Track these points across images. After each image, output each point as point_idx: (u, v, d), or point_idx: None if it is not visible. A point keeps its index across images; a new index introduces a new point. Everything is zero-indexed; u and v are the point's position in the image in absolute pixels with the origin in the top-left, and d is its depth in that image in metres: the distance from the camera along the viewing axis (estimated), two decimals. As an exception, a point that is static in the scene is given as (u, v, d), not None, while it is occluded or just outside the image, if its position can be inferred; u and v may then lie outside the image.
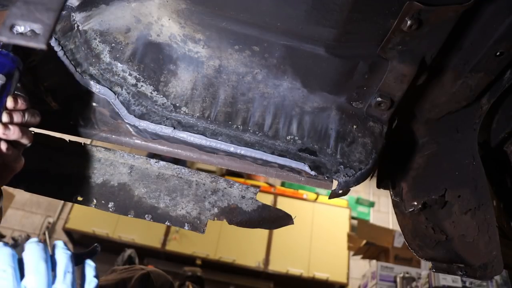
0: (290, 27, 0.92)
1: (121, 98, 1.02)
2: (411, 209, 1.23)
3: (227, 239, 5.29)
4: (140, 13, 1.00)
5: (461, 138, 1.17)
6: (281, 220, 1.13)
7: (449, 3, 0.81)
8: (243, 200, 1.12)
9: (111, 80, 1.02)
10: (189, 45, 1.02)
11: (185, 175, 1.12)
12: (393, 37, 0.87)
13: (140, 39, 1.02)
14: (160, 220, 1.07)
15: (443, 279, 3.53)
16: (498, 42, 0.91)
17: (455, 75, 1.01)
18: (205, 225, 1.09)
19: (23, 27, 0.63)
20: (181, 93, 1.05)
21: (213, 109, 1.05)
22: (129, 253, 4.58)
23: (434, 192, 1.20)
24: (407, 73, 0.95)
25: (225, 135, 1.04)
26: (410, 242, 1.20)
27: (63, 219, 5.43)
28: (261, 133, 1.06)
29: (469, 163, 1.13)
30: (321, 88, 1.06)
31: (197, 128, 1.04)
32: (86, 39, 1.00)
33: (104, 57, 1.01)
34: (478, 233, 1.08)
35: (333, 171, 1.05)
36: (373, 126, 1.09)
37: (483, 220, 1.07)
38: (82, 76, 1.01)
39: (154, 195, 1.09)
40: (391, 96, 1.01)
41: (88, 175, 1.08)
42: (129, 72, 1.03)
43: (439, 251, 1.16)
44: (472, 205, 1.11)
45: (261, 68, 1.04)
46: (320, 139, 1.08)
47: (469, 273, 1.06)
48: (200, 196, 1.10)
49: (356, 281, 5.27)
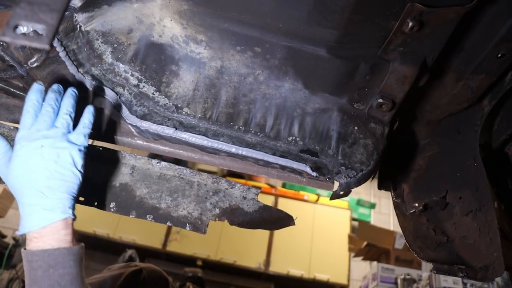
0: (292, 28, 0.92)
1: (123, 98, 1.02)
2: (412, 210, 1.23)
3: (228, 240, 5.29)
4: (142, 14, 1.00)
5: (462, 140, 1.17)
6: (282, 221, 1.14)
7: (451, 4, 0.81)
8: (245, 201, 1.12)
9: (113, 81, 1.02)
10: (191, 46, 1.03)
11: (186, 175, 1.12)
12: (394, 39, 0.88)
13: (142, 40, 1.02)
14: (162, 220, 1.08)
15: (444, 280, 3.52)
16: (500, 44, 0.91)
17: (457, 77, 1.01)
18: (206, 225, 1.09)
19: (26, 27, 0.64)
20: (183, 94, 1.05)
21: (215, 110, 1.05)
22: (130, 253, 4.58)
23: (435, 194, 1.20)
24: (409, 74, 0.95)
25: (227, 136, 1.04)
26: (411, 243, 1.20)
27: (64, 219, 5.42)
28: (263, 134, 1.06)
29: (470, 164, 1.13)
30: (322, 89, 1.06)
31: (198, 128, 1.04)
32: (88, 39, 1.01)
33: (106, 58, 1.02)
34: (479, 235, 1.08)
35: (335, 172, 1.05)
36: (374, 128, 1.09)
37: (484, 222, 1.07)
38: (84, 76, 1.01)
39: (156, 195, 1.09)
40: (392, 98, 1.02)
41: (90, 175, 1.08)
42: (131, 73, 1.03)
43: (440, 252, 1.16)
44: (473, 207, 1.11)
45: (263, 69, 1.04)
46: (321, 140, 1.08)
47: (470, 275, 1.06)
48: (202, 196, 1.11)
49: (356, 283, 5.26)
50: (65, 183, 0.86)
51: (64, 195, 0.86)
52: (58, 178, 0.85)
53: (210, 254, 5.24)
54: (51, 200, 0.84)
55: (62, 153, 0.86)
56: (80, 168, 0.89)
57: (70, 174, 0.87)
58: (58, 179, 0.85)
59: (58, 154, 0.85)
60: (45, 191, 0.84)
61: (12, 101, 1.06)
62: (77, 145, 0.88)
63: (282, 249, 5.42)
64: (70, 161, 0.87)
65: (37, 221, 0.83)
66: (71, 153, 0.87)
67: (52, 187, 0.84)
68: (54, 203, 0.84)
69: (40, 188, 0.84)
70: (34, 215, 0.84)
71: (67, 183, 0.86)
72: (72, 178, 0.87)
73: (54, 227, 0.84)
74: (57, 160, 0.85)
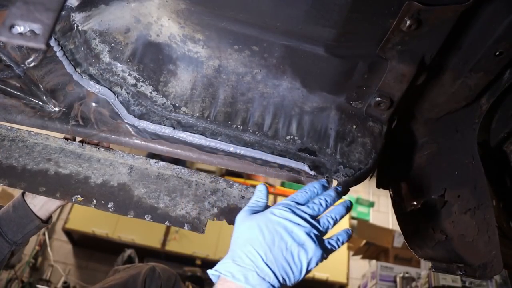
0: (290, 27, 0.92)
1: (120, 98, 1.02)
2: (410, 209, 1.23)
3: (227, 240, 5.27)
4: (139, 13, 1.00)
5: (461, 138, 1.17)
6: (280, 220, 1.13)
7: (449, 3, 0.81)
8: (243, 200, 1.12)
9: (111, 80, 1.02)
10: (189, 45, 1.03)
11: (184, 175, 1.12)
12: (392, 37, 0.87)
13: (140, 39, 1.02)
14: (160, 220, 1.07)
15: (443, 279, 3.53)
16: (497, 42, 0.91)
17: (455, 75, 1.01)
18: (204, 225, 1.09)
19: (22, 27, 0.63)
20: (181, 93, 1.05)
21: (213, 109, 1.05)
22: (129, 253, 4.58)
23: (434, 192, 1.20)
24: (407, 73, 0.95)
25: (225, 135, 1.04)
26: (410, 242, 1.20)
27: (63, 219, 5.42)
28: (261, 133, 1.06)
29: (468, 163, 1.13)
30: (320, 88, 1.06)
31: (196, 128, 1.03)
32: (85, 39, 1.00)
33: (103, 57, 1.01)
34: (478, 233, 1.08)
35: (333, 171, 1.05)
36: (372, 126, 1.09)
37: (482, 220, 1.07)
38: (82, 76, 1.01)
39: (154, 195, 1.09)
40: (390, 96, 1.02)
41: (88, 175, 1.08)
42: (129, 72, 1.03)
43: (439, 251, 1.16)
44: (472, 205, 1.11)
45: (261, 68, 1.04)
46: (319, 139, 1.08)
47: (469, 273, 1.06)
48: (200, 196, 1.10)
49: (356, 281, 5.27)
50: (290, 269, 0.80)
51: (281, 277, 0.78)
52: (290, 260, 0.79)
53: (209, 253, 5.24)
54: (269, 271, 0.77)
55: (309, 246, 0.81)
56: (306, 273, 0.82)
57: (296, 269, 0.80)
58: (288, 261, 0.79)
59: (306, 243, 0.81)
60: (270, 260, 0.78)
61: (10, 101, 1.06)
62: (322, 252, 0.83)
63: (281, 248, 5.42)
64: (310, 257, 0.81)
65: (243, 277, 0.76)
66: (314, 254, 0.81)
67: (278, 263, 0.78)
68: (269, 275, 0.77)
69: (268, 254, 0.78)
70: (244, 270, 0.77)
71: (291, 270, 0.80)
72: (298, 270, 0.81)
73: None
74: (299, 249, 0.80)
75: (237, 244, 0.82)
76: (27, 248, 5.09)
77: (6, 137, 1.09)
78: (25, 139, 1.10)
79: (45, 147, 1.10)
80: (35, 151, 1.09)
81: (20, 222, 1.21)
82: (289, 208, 0.84)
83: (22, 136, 1.10)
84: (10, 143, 1.09)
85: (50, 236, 5.44)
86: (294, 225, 0.81)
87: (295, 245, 0.80)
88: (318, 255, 0.82)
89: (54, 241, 5.45)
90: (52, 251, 5.29)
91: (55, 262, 5.24)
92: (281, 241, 0.79)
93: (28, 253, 5.10)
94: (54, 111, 1.05)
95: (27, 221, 1.21)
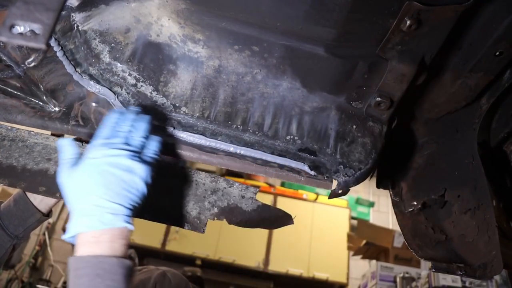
0: (290, 27, 0.92)
1: (120, 98, 1.02)
2: (410, 209, 1.23)
3: (227, 239, 5.29)
4: (139, 13, 1.00)
5: (461, 138, 1.17)
6: (281, 220, 1.13)
7: (449, 3, 0.81)
8: (243, 200, 1.12)
9: (111, 80, 1.02)
10: (189, 45, 1.03)
11: (184, 174, 1.12)
12: (392, 37, 0.87)
13: (140, 39, 1.02)
14: (160, 220, 1.07)
15: (443, 279, 3.53)
16: (498, 42, 0.91)
17: (455, 75, 1.01)
18: (205, 225, 1.09)
19: (22, 27, 0.63)
20: (181, 93, 1.05)
21: (213, 109, 1.05)
22: (129, 253, 4.57)
23: (434, 192, 1.20)
24: (407, 73, 0.95)
25: (225, 135, 1.04)
26: (410, 242, 1.20)
27: (63, 219, 5.43)
28: (261, 133, 1.06)
29: (468, 163, 1.13)
30: (320, 88, 1.06)
31: (196, 128, 1.04)
32: (85, 39, 1.01)
33: (103, 57, 1.01)
34: (478, 233, 1.08)
35: (333, 171, 1.05)
36: (372, 126, 1.09)
37: (482, 220, 1.07)
38: (82, 76, 1.01)
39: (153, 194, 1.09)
40: (390, 96, 1.02)
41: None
42: (129, 72, 1.03)
43: (439, 251, 1.16)
44: (472, 205, 1.11)
45: (261, 68, 1.04)
46: (319, 139, 1.08)
47: (469, 273, 1.07)
48: (200, 195, 1.10)
49: (356, 281, 5.27)
50: (132, 194, 0.86)
51: (129, 205, 0.85)
52: (128, 188, 0.85)
53: (209, 253, 5.24)
54: (117, 206, 0.83)
55: (136, 167, 0.87)
56: (146, 188, 0.89)
57: (139, 187, 0.87)
58: (127, 189, 0.85)
59: (132, 166, 0.86)
60: (112, 197, 0.83)
61: (10, 101, 1.06)
62: (149, 164, 0.90)
63: (281, 248, 5.43)
64: (142, 176, 0.87)
65: (98, 222, 0.80)
66: (144, 169, 0.88)
67: (120, 195, 0.84)
68: (119, 209, 0.83)
69: (108, 193, 0.82)
70: (95, 216, 0.81)
71: (134, 195, 0.86)
72: (139, 192, 0.87)
73: (113, 233, 0.82)
74: (131, 172, 0.86)
75: (76, 200, 0.84)
76: (27, 248, 5.10)
77: (6, 137, 1.09)
78: (25, 139, 1.10)
79: (45, 147, 1.10)
80: (35, 151, 1.09)
81: (21, 215, 1.21)
82: (101, 146, 0.87)
83: (22, 136, 1.10)
84: (10, 143, 1.09)
85: (50, 236, 5.45)
86: (114, 158, 0.85)
87: (124, 173, 0.85)
88: (147, 169, 0.89)
89: (54, 241, 5.45)
90: (52, 251, 5.30)
91: (55, 262, 5.25)
92: (112, 176, 0.84)
93: (28, 253, 5.10)
94: (54, 111, 1.05)
95: (28, 215, 1.22)
